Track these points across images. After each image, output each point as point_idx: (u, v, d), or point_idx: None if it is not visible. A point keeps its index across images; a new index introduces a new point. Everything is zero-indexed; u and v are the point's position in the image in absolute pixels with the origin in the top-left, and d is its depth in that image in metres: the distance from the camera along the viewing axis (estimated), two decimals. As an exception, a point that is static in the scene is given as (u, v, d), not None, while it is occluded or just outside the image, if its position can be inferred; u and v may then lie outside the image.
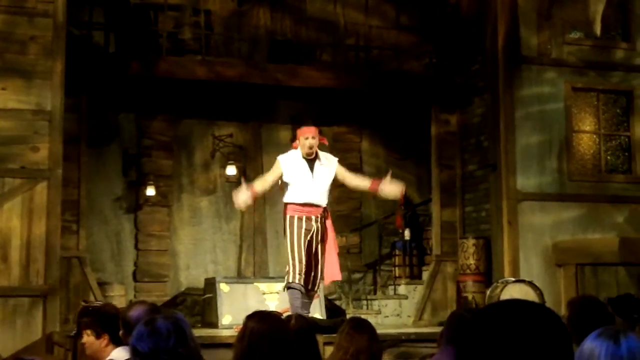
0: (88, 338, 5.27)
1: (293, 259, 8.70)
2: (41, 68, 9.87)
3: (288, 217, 8.81)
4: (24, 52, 9.86)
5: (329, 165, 8.78)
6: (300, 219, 8.74)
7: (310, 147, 8.61)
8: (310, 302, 9.20)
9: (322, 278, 9.17)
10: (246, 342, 3.77)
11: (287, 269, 8.82)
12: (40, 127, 9.80)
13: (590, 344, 2.25)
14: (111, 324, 5.27)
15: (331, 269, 8.98)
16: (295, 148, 8.89)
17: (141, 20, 12.59)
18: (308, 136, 8.64)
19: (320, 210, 8.84)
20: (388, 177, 8.81)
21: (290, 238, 8.74)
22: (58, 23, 10.01)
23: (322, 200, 8.83)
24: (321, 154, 8.83)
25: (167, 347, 3.07)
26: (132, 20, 12.35)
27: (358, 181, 9.09)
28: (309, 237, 8.75)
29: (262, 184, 8.81)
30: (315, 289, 9.09)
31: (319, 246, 8.84)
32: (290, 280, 8.71)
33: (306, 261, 8.75)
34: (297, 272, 8.67)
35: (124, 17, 12.35)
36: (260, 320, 3.88)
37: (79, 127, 11.45)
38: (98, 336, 5.24)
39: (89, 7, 12.03)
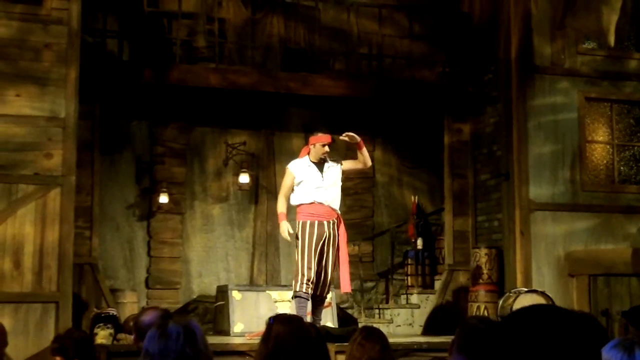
0: None
1: (302, 266, 8.75)
2: (55, 75, 9.91)
3: (300, 222, 8.91)
4: (38, 60, 9.89)
5: (336, 166, 9.15)
6: (312, 224, 8.82)
7: (325, 154, 9.07)
8: (322, 309, 9.23)
9: (332, 285, 9.21)
10: (272, 343, 3.78)
11: (295, 276, 8.87)
12: (53, 134, 9.83)
13: (606, 355, 2.25)
14: (81, 349, 5.30)
15: (343, 281, 9.04)
16: (304, 154, 9.24)
17: (155, 28, 12.63)
18: (325, 143, 9.09)
19: (333, 214, 8.96)
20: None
21: (301, 244, 8.81)
22: (72, 31, 10.05)
23: (334, 202, 8.98)
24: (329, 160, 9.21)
25: (176, 347, 3.18)
26: (146, 28, 12.39)
27: (361, 158, 9.30)
28: (321, 243, 8.80)
29: (284, 200, 9.10)
30: (325, 294, 9.13)
31: (331, 252, 8.89)
32: (298, 289, 8.75)
33: (317, 267, 8.80)
34: (304, 280, 8.71)
35: (138, 25, 12.38)
36: (285, 323, 3.89)
37: (92, 134, 11.51)
38: None
39: (103, 15, 12.07)
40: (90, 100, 11.24)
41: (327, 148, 9.08)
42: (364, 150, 9.15)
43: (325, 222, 8.87)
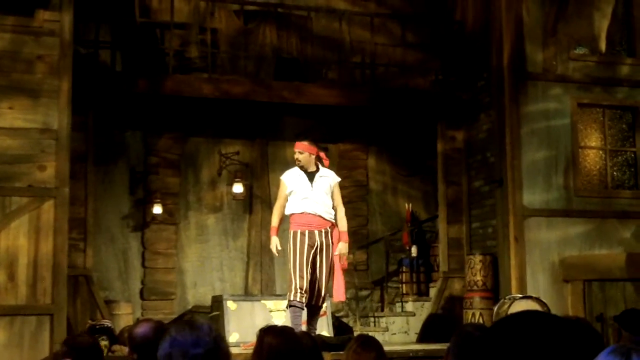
0: None
1: (294, 275, 8.75)
2: (48, 87, 9.90)
3: (292, 232, 8.93)
4: (31, 71, 9.89)
5: (329, 179, 9.06)
6: (303, 233, 8.83)
7: (297, 160, 9.08)
8: (317, 318, 9.21)
9: (328, 294, 9.19)
10: (265, 356, 3.78)
11: (289, 285, 8.88)
12: (47, 146, 9.82)
13: (602, 362, 2.24)
14: (87, 354, 5.29)
15: (337, 289, 9.03)
16: None
17: (148, 39, 12.64)
18: (296, 150, 9.13)
19: (325, 224, 8.95)
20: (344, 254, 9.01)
21: (292, 254, 8.82)
22: (65, 42, 10.05)
23: (325, 212, 8.95)
24: (323, 169, 9.15)
25: (209, 339, 3.17)
26: (139, 39, 12.39)
27: (339, 216, 9.14)
28: (312, 252, 8.80)
29: (278, 213, 9.10)
30: (320, 303, 9.11)
31: (324, 262, 8.88)
32: (292, 299, 8.75)
33: (310, 276, 8.79)
34: (297, 289, 8.70)
35: (131, 36, 12.39)
36: (277, 335, 3.88)
37: (86, 145, 11.49)
38: None
39: (96, 26, 12.08)
40: (83, 112, 11.22)
41: (297, 155, 9.07)
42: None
43: (316, 232, 8.86)
